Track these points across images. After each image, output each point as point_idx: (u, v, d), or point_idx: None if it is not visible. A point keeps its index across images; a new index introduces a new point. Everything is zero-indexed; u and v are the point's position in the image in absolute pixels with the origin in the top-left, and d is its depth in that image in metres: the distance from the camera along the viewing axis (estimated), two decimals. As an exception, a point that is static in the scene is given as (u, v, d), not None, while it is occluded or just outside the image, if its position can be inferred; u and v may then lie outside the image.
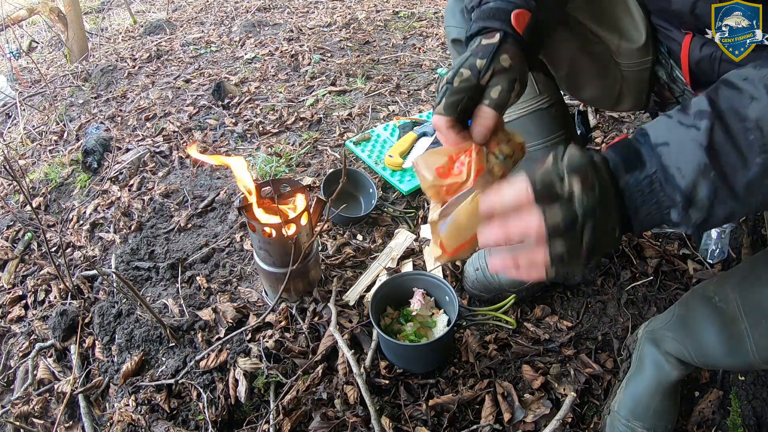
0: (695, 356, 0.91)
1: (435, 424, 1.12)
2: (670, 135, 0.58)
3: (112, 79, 3.22)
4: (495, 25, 0.75)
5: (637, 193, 0.59)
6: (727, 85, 0.57)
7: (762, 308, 0.71)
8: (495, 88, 0.71)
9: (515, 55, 0.73)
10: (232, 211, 1.81)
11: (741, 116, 0.55)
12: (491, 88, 0.71)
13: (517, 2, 0.76)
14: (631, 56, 0.93)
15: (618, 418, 1.06)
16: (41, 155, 2.60)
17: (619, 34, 0.92)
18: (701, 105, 0.57)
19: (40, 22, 5.32)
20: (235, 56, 3.26)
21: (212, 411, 1.16)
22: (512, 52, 0.73)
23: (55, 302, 1.64)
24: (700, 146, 0.56)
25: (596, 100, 1.08)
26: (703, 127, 0.56)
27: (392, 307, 1.28)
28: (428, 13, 3.74)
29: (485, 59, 0.71)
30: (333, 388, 1.18)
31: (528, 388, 1.16)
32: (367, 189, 1.75)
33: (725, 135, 0.55)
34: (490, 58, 0.71)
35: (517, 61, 0.73)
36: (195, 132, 2.36)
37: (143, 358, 1.31)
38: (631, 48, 0.92)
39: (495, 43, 0.73)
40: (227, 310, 1.38)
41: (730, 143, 0.55)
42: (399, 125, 2.07)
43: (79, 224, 1.98)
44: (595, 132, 2.03)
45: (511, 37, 0.75)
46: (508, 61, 0.72)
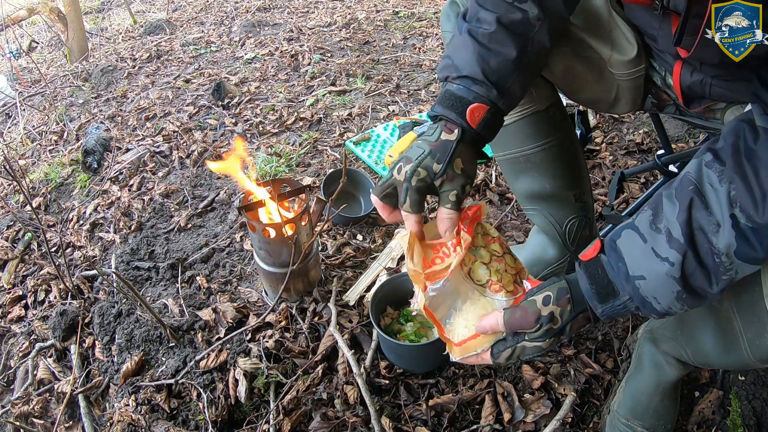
0: (692, 356, 0.91)
1: (435, 424, 1.12)
2: (645, 268, 0.67)
3: (112, 79, 3.23)
4: (452, 118, 0.82)
5: (609, 313, 0.71)
6: (698, 197, 0.64)
7: (753, 307, 0.71)
8: (450, 192, 0.80)
9: (468, 158, 0.82)
10: (232, 211, 1.81)
11: (709, 242, 0.63)
12: (447, 192, 0.81)
13: (478, 92, 0.82)
14: (624, 67, 0.93)
15: (618, 418, 1.06)
16: (41, 155, 2.60)
17: (610, 45, 0.93)
18: (672, 225, 0.65)
19: (40, 22, 5.32)
20: (235, 56, 3.26)
21: (212, 411, 1.16)
22: (465, 156, 0.81)
23: (55, 302, 1.64)
24: (674, 279, 0.65)
25: (593, 103, 1.08)
26: (677, 262, 0.64)
27: (392, 307, 1.28)
28: (428, 13, 3.74)
29: (441, 164, 0.80)
30: (333, 388, 1.18)
31: (528, 388, 1.16)
32: (367, 189, 1.75)
33: (696, 262, 0.64)
34: (445, 163, 0.80)
35: (469, 164, 0.82)
36: (195, 132, 2.36)
37: (143, 358, 1.31)
38: (622, 60, 0.92)
39: (452, 143, 0.80)
40: (227, 310, 1.38)
41: (700, 269, 0.64)
42: (399, 125, 2.07)
43: (79, 224, 1.98)
44: (595, 132, 2.03)
45: (468, 133, 0.82)
46: (461, 166, 0.81)
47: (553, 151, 1.13)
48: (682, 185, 0.67)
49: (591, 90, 1.02)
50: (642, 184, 1.76)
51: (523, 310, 0.74)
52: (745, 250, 0.61)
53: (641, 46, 0.91)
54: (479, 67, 0.82)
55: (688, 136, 1.94)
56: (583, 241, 1.25)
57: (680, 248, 0.64)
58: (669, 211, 0.66)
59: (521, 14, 0.83)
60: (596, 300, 0.70)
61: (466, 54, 0.84)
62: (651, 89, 0.98)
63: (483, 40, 0.83)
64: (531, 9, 0.83)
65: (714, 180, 0.63)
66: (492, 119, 0.83)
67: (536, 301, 0.73)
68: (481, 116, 0.82)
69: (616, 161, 1.88)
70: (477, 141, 0.84)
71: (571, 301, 0.72)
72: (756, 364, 0.76)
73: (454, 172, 0.80)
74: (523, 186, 1.20)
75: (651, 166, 1.50)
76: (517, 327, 0.74)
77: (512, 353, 0.76)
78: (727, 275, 0.63)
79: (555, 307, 0.72)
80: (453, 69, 0.85)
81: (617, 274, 0.69)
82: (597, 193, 1.71)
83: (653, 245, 0.66)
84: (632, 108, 1.03)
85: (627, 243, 0.69)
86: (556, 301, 0.72)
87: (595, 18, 0.93)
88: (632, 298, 0.68)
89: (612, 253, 0.70)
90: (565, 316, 0.72)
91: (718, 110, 0.91)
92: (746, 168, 0.61)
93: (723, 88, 0.77)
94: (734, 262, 0.62)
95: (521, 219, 1.64)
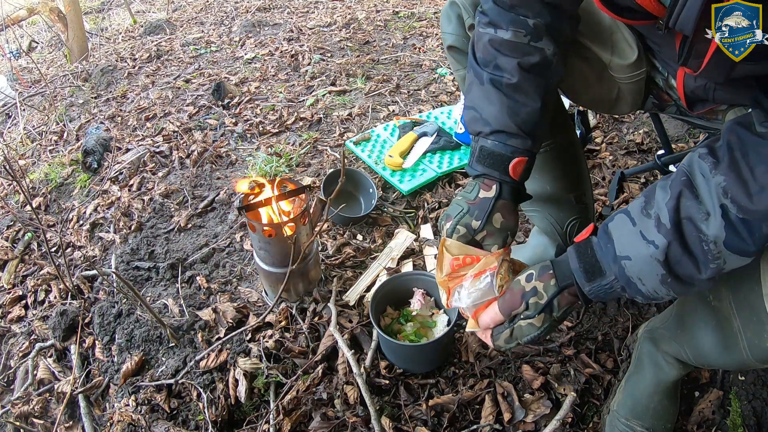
0: (692, 356, 0.91)
1: (435, 424, 1.12)
2: (631, 249, 0.68)
3: (112, 79, 3.22)
4: (494, 175, 0.84)
5: (596, 292, 0.72)
6: (688, 188, 0.65)
7: (752, 306, 0.71)
8: (492, 246, 0.85)
9: (507, 212, 0.85)
10: (232, 211, 1.81)
11: (698, 229, 0.63)
12: (489, 246, 0.85)
13: (517, 146, 0.84)
14: (624, 70, 0.93)
15: (617, 418, 1.06)
16: (41, 155, 2.60)
17: (611, 49, 0.93)
18: (662, 211, 0.66)
19: (40, 22, 5.32)
20: (235, 56, 3.26)
21: (212, 411, 1.16)
22: (505, 210, 0.85)
23: (55, 302, 1.64)
24: (658, 262, 0.66)
25: (594, 103, 1.08)
26: (662, 246, 0.65)
27: (392, 307, 1.28)
28: (428, 13, 3.74)
29: (480, 221, 0.83)
30: (333, 388, 1.18)
31: (528, 388, 1.16)
32: (367, 189, 1.75)
33: (682, 249, 0.64)
34: (484, 220, 0.83)
35: (508, 217, 0.85)
36: (195, 132, 2.36)
37: (143, 358, 1.31)
38: (623, 64, 0.92)
39: (491, 199, 0.84)
40: (227, 310, 1.38)
41: (687, 255, 0.64)
42: (399, 125, 2.07)
43: (79, 224, 1.98)
44: (595, 132, 2.03)
45: (507, 186, 0.85)
46: (500, 220, 0.84)
47: (554, 153, 1.13)
48: (676, 176, 0.68)
49: (592, 91, 1.02)
50: (642, 184, 1.75)
51: (510, 292, 0.78)
52: (735, 241, 0.62)
53: (642, 49, 0.91)
54: (512, 120, 0.84)
55: (688, 136, 1.94)
56: (583, 241, 1.25)
57: (667, 234, 0.65)
58: (660, 198, 0.67)
59: (539, 55, 0.84)
60: (584, 278, 0.73)
61: (493, 107, 0.85)
62: (653, 90, 0.98)
63: (508, 91, 0.84)
64: (547, 46, 0.84)
65: (705, 170, 0.64)
66: (530, 166, 0.87)
67: (520, 280, 0.78)
68: (523, 168, 0.85)
69: (616, 161, 1.88)
70: (517, 191, 0.87)
71: (555, 276, 0.75)
72: (755, 364, 0.76)
73: (494, 227, 0.84)
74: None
75: (651, 166, 1.50)
76: (509, 308, 0.78)
77: (510, 334, 0.79)
78: (715, 264, 0.64)
79: (538, 282, 0.76)
80: (483, 123, 0.86)
81: (605, 254, 0.71)
82: (597, 193, 1.71)
83: (642, 228, 0.68)
84: (633, 108, 1.03)
85: (618, 226, 0.71)
86: (539, 276, 0.76)
87: (596, 22, 0.93)
88: (618, 278, 0.70)
89: (603, 235, 0.73)
90: (550, 291, 0.75)
91: (720, 111, 0.91)
92: (741, 163, 0.62)
93: (727, 93, 0.77)
94: (722, 251, 0.63)
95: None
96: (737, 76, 0.65)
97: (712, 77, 0.73)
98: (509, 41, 0.84)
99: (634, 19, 0.74)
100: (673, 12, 0.61)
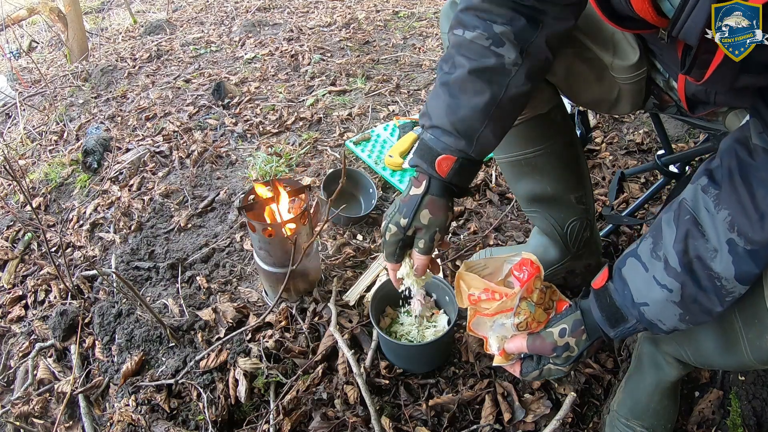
0: (692, 356, 0.91)
1: (435, 424, 1.12)
2: (648, 295, 0.71)
3: (112, 79, 3.22)
4: (423, 167, 0.86)
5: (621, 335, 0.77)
6: (694, 226, 0.67)
7: (754, 307, 0.71)
8: (420, 240, 0.88)
9: (436, 208, 0.86)
10: (232, 211, 1.81)
11: (708, 267, 0.66)
12: (417, 239, 0.88)
13: (449, 144, 0.84)
14: (625, 71, 0.93)
15: (617, 418, 1.06)
16: (41, 155, 2.60)
17: (612, 50, 0.92)
18: (670, 254, 0.68)
19: (40, 22, 5.32)
20: (235, 56, 3.26)
21: (212, 411, 1.16)
22: (433, 206, 0.86)
23: (55, 302, 1.64)
24: (675, 304, 0.69)
25: (594, 104, 1.08)
26: (675, 289, 0.68)
27: (392, 307, 1.28)
28: (428, 13, 3.74)
29: (407, 218, 0.86)
30: (333, 388, 1.18)
31: (528, 388, 1.16)
32: (367, 189, 1.75)
33: (696, 288, 0.67)
34: (411, 217, 0.86)
35: (437, 213, 0.86)
36: (195, 132, 2.36)
37: (143, 358, 1.31)
38: (624, 65, 0.92)
39: (419, 196, 0.86)
40: (227, 310, 1.38)
41: (701, 293, 0.67)
42: (399, 125, 2.07)
43: (79, 224, 1.98)
44: (595, 132, 2.03)
45: (435, 182, 0.86)
46: (428, 217, 0.86)
47: (554, 154, 1.13)
48: (680, 212, 0.69)
49: (592, 91, 1.02)
50: (642, 184, 1.75)
51: (541, 340, 0.81)
52: (744, 273, 0.64)
53: (643, 50, 0.91)
54: (447, 118, 0.84)
55: (688, 136, 1.94)
56: (583, 242, 1.25)
57: (677, 276, 0.67)
58: (667, 239, 0.69)
59: (495, 59, 0.82)
60: (608, 326, 0.77)
61: (437, 103, 0.86)
62: (653, 90, 0.98)
63: (453, 89, 0.84)
64: (508, 53, 0.82)
65: (710, 205, 0.66)
66: (461, 169, 0.85)
67: (553, 333, 0.80)
68: (450, 166, 0.84)
69: (616, 161, 1.88)
70: (448, 189, 0.87)
71: (586, 331, 0.78)
72: (756, 365, 0.76)
73: (421, 223, 0.86)
74: (524, 188, 1.20)
75: (651, 166, 1.50)
76: (537, 352, 0.82)
77: (540, 374, 0.84)
78: (731, 297, 0.66)
79: (570, 338, 0.79)
80: (426, 118, 0.87)
81: (624, 300, 0.74)
82: (597, 193, 1.71)
83: (654, 273, 0.70)
84: (633, 109, 1.03)
85: (631, 271, 0.74)
86: (572, 332, 0.79)
87: (596, 22, 0.93)
88: (639, 321, 0.74)
89: (618, 281, 0.76)
90: (581, 345, 0.79)
91: (721, 113, 0.91)
92: (741, 189, 0.63)
93: (728, 96, 0.77)
94: (736, 285, 0.65)
95: (521, 219, 1.64)
96: (740, 86, 0.65)
97: (715, 87, 0.74)
98: (470, 42, 0.84)
99: (635, 28, 0.74)
100: (677, 22, 0.61)
